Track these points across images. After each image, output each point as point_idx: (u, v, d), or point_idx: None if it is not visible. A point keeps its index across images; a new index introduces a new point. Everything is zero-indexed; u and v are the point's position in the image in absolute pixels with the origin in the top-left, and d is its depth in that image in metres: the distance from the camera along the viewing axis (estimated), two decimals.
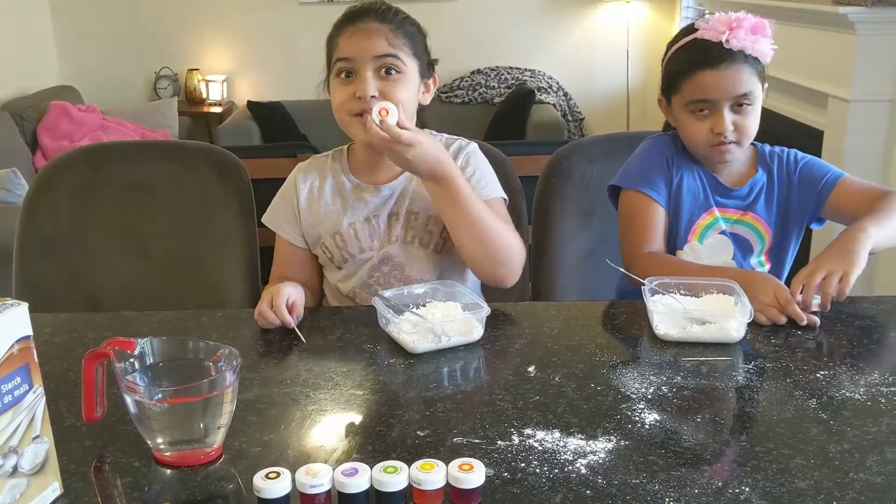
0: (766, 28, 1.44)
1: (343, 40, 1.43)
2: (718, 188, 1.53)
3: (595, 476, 0.89)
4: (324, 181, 1.53)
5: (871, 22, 2.80)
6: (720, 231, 1.52)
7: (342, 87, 1.43)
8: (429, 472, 0.84)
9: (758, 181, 1.53)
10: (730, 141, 1.45)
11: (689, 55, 1.46)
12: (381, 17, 1.44)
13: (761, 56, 1.43)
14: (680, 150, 1.55)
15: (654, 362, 1.17)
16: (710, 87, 1.42)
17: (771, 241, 1.54)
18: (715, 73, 1.42)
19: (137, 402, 0.90)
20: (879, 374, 1.12)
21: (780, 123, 3.45)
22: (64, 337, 1.30)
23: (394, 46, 1.42)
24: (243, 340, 1.28)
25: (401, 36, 1.44)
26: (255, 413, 1.03)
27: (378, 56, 1.41)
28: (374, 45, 1.41)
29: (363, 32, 1.42)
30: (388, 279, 1.48)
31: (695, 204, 1.52)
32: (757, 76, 1.44)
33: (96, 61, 5.25)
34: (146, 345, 0.96)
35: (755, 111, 1.46)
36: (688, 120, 1.48)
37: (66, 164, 1.85)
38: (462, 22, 5.28)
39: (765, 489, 0.86)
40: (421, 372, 1.15)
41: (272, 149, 3.65)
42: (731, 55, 1.41)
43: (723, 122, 1.43)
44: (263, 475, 0.84)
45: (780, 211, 1.54)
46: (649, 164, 1.54)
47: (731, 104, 1.43)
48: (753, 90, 1.43)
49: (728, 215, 1.53)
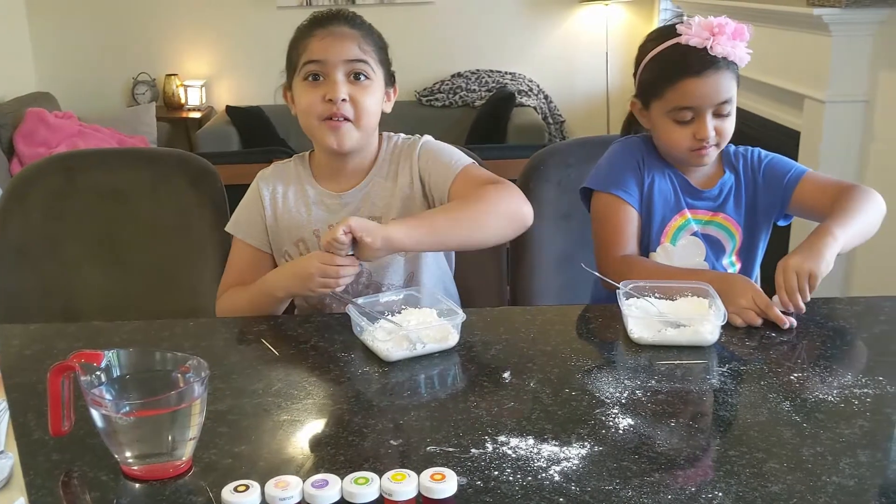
0: (746, 33, 1.44)
1: (314, 43, 1.42)
2: (689, 190, 1.53)
3: (568, 483, 0.88)
4: (287, 188, 1.52)
5: (845, 23, 2.82)
6: (692, 232, 1.52)
7: (310, 90, 1.42)
8: (400, 482, 0.83)
9: (726, 182, 1.54)
10: (710, 145, 1.45)
11: (672, 61, 1.44)
12: (351, 22, 1.45)
13: (739, 61, 1.44)
14: (650, 151, 1.55)
15: (628, 366, 1.17)
16: (695, 94, 1.42)
17: (741, 241, 1.55)
18: (700, 81, 1.41)
19: (104, 416, 0.89)
20: (853, 376, 1.12)
21: (757, 125, 3.46)
22: (33, 348, 1.28)
23: (364, 52, 1.43)
24: (216, 350, 1.26)
25: (370, 43, 1.45)
26: (225, 424, 1.02)
27: (350, 60, 1.41)
28: (346, 49, 1.41)
29: (335, 36, 1.42)
30: (355, 285, 1.47)
31: (666, 206, 1.52)
32: (736, 81, 1.45)
33: (73, 67, 5.21)
34: (113, 357, 0.95)
35: (734, 114, 1.47)
36: (669, 126, 1.47)
37: (38, 172, 1.83)
38: (442, 25, 5.28)
39: (738, 494, 0.86)
40: (396, 380, 1.15)
41: (250, 154, 3.64)
42: (715, 62, 1.41)
43: (706, 128, 1.43)
44: (232, 488, 0.83)
45: (749, 210, 1.54)
46: (620, 166, 1.54)
47: (714, 110, 1.44)
48: (733, 95, 1.44)
49: (699, 216, 1.53)
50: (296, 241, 1.49)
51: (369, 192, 1.49)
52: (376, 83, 1.44)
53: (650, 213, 1.52)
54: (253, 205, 1.53)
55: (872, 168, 2.91)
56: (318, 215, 1.49)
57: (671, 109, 1.45)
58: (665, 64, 1.46)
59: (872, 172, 2.91)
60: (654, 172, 1.53)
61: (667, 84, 1.44)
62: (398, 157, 1.51)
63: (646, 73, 1.50)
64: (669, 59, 1.45)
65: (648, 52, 1.50)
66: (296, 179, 1.53)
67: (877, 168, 2.90)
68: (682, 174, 1.54)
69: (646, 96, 1.50)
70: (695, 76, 1.41)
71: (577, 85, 5.39)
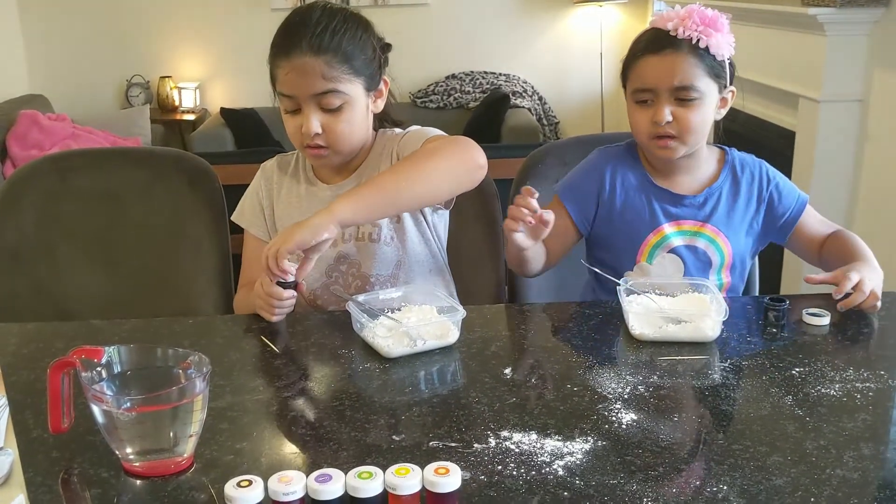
0: (720, 22, 1.39)
1: (281, 75, 1.38)
2: (669, 198, 1.48)
3: (572, 477, 0.88)
4: (284, 180, 1.54)
5: (839, 23, 2.82)
6: (669, 249, 1.47)
7: (290, 117, 1.42)
8: (404, 476, 0.83)
9: (717, 189, 1.48)
10: (668, 134, 1.40)
11: (638, 43, 1.44)
12: (315, 47, 1.35)
13: (714, 49, 1.37)
14: (627, 159, 1.52)
15: (630, 362, 1.17)
16: (651, 73, 1.39)
17: (731, 257, 1.49)
18: (656, 58, 1.39)
19: (105, 412, 0.88)
20: (854, 371, 1.12)
21: (751, 125, 3.47)
22: (31, 347, 1.27)
23: (332, 80, 1.36)
24: (215, 348, 1.26)
25: (338, 63, 1.36)
26: (226, 421, 1.02)
27: (317, 94, 1.37)
28: (310, 85, 1.36)
29: (298, 72, 1.36)
30: (346, 277, 1.47)
31: (640, 223, 1.48)
32: (707, 73, 1.38)
33: (66, 69, 5.19)
34: (114, 353, 0.94)
35: (701, 108, 1.39)
36: (633, 110, 1.45)
37: (31, 173, 1.82)
38: (436, 27, 5.28)
39: (742, 487, 0.86)
40: (396, 376, 1.14)
41: (245, 154, 3.62)
42: (677, 43, 1.37)
43: (661, 111, 1.38)
44: (235, 483, 0.82)
45: (742, 226, 1.49)
46: (580, 176, 1.53)
47: (673, 95, 1.39)
48: (697, 85, 1.38)
49: (685, 227, 1.48)
50: None
51: (356, 183, 1.48)
52: (353, 102, 1.39)
53: (621, 232, 1.49)
54: (255, 195, 1.56)
55: (867, 167, 2.92)
56: (310, 206, 1.48)
57: (633, 91, 1.43)
58: (632, 46, 1.45)
59: (867, 172, 2.92)
60: (627, 186, 1.49)
61: (630, 65, 1.44)
62: (389, 151, 1.51)
63: (623, 62, 1.49)
64: (636, 42, 1.45)
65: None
66: (294, 171, 1.54)
67: (871, 167, 2.91)
68: (661, 185, 1.49)
69: (624, 86, 1.48)
70: (653, 54, 1.39)
71: (572, 86, 5.40)
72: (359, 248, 1.49)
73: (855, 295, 1.30)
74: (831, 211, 3.01)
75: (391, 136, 1.53)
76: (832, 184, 3.00)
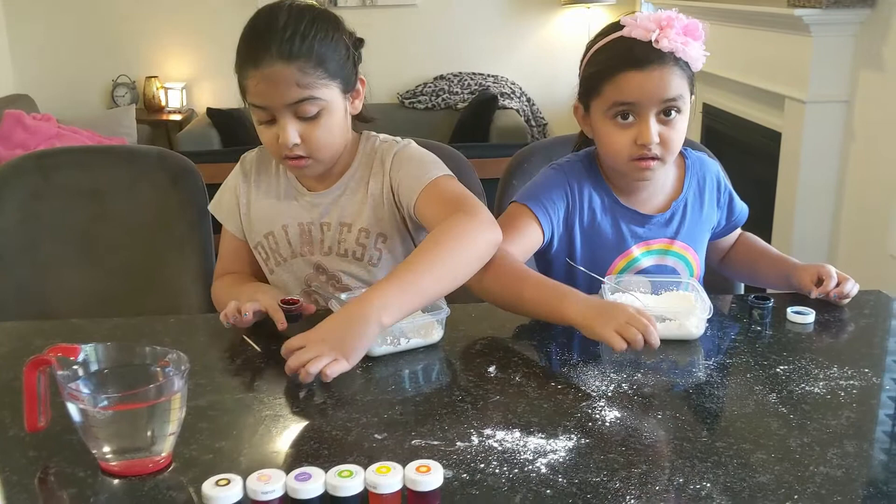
0: (699, 31, 1.29)
1: (251, 86, 1.30)
2: (636, 218, 1.41)
3: (555, 475, 0.87)
4: (263, 176, 1.48)
5: (825, 24, 2.84)
6: (638, 271, 1.41)
7: (264, 128, 1.34)
8: (385, 475, 0.82)
9: (681, 202, 1.43)
10: (653, 155, 1.30)
11: (612, 54, 1.30)
12: (285, 54, 1.27)
13: (692, 62, 1.29)
14: (589, 175, 1.42)
15: (614, 360, 1.16)
16: (636, 89, 1.27)
17: (699, 269, 1.46)
18: (641, 74, 1.26)
19: (81, 410, 0.87)
20: (838, 368, 1.12)
21: (737, 126, 3.48)
22: (9, 346, 1.26)
23: (306, 87, 1.28)
24: (197, 346, 1.24)
25: (311, 68, 1.28)
26: (206, 420, 1.00)
27: (291, 104, 1.29)
28: (283, 95, 1.28)
29: (269, 82, 1.28)
30: (326, 288, 1.45)
31: (608, 247, 1.41)
32: (687, 82, 1.30)
33: (51, 69, 5.16)
34: (91, 351, 0.93)
35: (682, 122, 1.31)
36: (609, 128, 1.32)
37: (13, 171, 1.80)
38: (425, 28, 5.28)
39: (726, 484, 0.85)
40: (379, 375, 1.13)
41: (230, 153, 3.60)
42: (661, 56, 1.26)
43: (648, 131, 1.28)
44: (213, 482, 0.81)
45: (705, 234, 1.48)
46: (548, 189, 1.40)
47: (658, 111, 1.29)
48: (683, 95, 1.29)
49: (653, 247, 1.42)
50: (266, 233, 1.47)
51: (340, 196, 1.44)
52: (330, 107, 1.32)
53: (586, 256, 1.41)
54: (232, 190, 1.50)
55: (852, 168, 2.93)
56: (288, 209, 1.45)
57: (611, 106, 1.30)
58: (605, 57, 1.32)
59: (852, 172, 2.94)
60: (593, 206, 1.41)
61: (606, 78, 1.30)
62: (372, 161, 1.44)
63: (586, 69, 1.35)
64: (610, 52, 1.31)
65: (591, 49, 1.36)
66: (272, 170, 1.48)
67: (857, 168, 2.92)
68: (626, 203, 1.41)
69: (586, 96, 1.36)
70: (636, 69, 1.27)
71: (560, 88, 5.39)
72: (339, 262, 1.45)
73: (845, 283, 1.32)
74: (816, 212, 3.03)
75: (377, 144, 1.46)
76: (818, 184, 3.01)
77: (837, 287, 1.32)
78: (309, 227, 1.45)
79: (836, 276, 1.33)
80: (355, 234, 1.43)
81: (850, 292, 1.33)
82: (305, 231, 1.45)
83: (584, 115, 1.40)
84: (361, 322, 1.09)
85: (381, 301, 1.11)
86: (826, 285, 1.32)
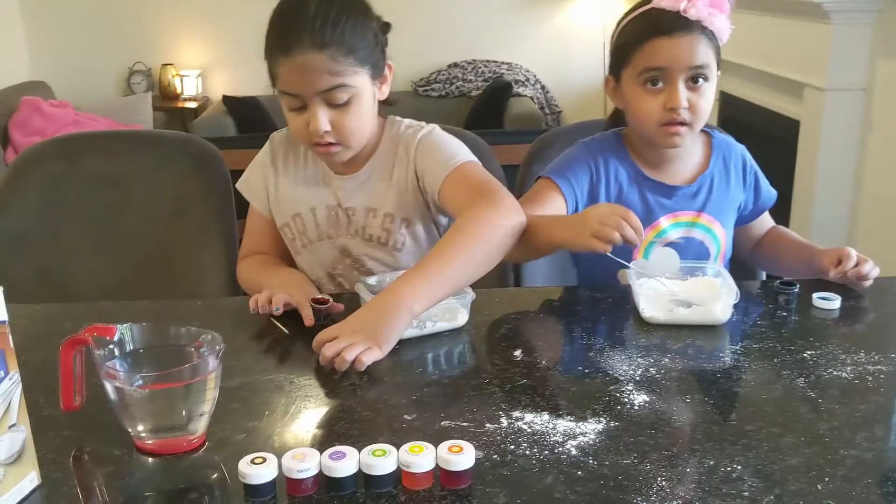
0: (725, 3, 1.35)
1: (283, 74, 1.31)
2: (662, 190, 1.44)
3: (586, 457, 0.88)
4: (293, 157, 1.48)
5: (844, 11, 2.82)
6: (665, 243, 1.43)
7: (294, 115, 1.35)
8: (418, 454, 0.83)
9: (707, 176, 1.46)
10: (681, 121, 1.35)
11: (641, 24, 1.37)
12: (317, 42, 1.27)
13: (718, 32, 1.35)
14: (615, 151, 1.46)
15: (641, 345, 1.16)
16: (664, 55, 1.33)
17: (725, 244, 1.48)
18: (670, 41, 1.33)
19: (117, 389, 0.88)
20: (865, 353, 1.12)
21: (756, 114, 3.46)
22: (40, 328, 1.27)
23: (338, 74, 1.29)
24: (224, 329, 1.23)
25: (342, 55, 1.29)
26: (238, 400, 1.01)
27: (323, 91, 1.30)
28: (315, 82, 1.29)
29: (301, 70, 1.28)
30: (350, 272, 1.46)
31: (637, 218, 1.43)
32: (713, 52, 1.36)
33: (68, 56, 5.17)
34: (126, 331, 0.94)
35: (710, 90, 1.37)
36: (639, 95, 1.37)
37: (37, 156, 1.81)
38: (439, 15, 5.26)
39: (756, 467, 0.86)
40: (406, 357, 1.14)
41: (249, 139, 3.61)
42: (688, 24, 1.32)
43: (677, 95, 1.33)
44: (249, 460, 0.82)
45: (732, 212, 1.49)
46: (573, 163, 1.46)
47: (686, 78, 1.34)
48: (710, 64, 1.35)
49: (681, 219, 1.45)
50: (294, 214, 1.47)
51: (366, 182, 1.44)
52: (360, 94, 1.33)
53: None
54: (260, 168, 1.50)
55: (871, 156, 2.92)
56: (317, 192, 1.46)
57: (640, 73, 1.36)
58: (635, 27, 1.38)
59: (871, 161, 2.92)
60: (619, 180, 1.45)
61: (635, 46, 1.36)
62: (397, 147, 1.45)
63: (617, 41, 1.42)
64: (639, 23, 1.38)
65: (622, 23, 1.43)
66: (302, 151, 1.48)
67: (875, 156, 2.90)
68: (653, 177, 1.45)
69: (616, 67, 1.42)
70: (665, 36, 1.33)
71: (574, 75, 5.38)
72: (364, 246, 1.46)
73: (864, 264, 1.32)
74: (835, 200, 3.02)
75: (402, 129, 1.46)
76: (836, 173, 3.00)
77: (856, 268, 1.32)
78: (336, 211, 1.45)
79: (856, 258, 1.33)
80: (380, 219, 1.44)
81: (868, 273, 1.32)
82: (332, 214, 1.46)
83: (614, 87, 1.45)
84: (393, 311, 1.13)
85: (411, 291, 1.14)
86: (844, 265, 1.32)
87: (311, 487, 0.82)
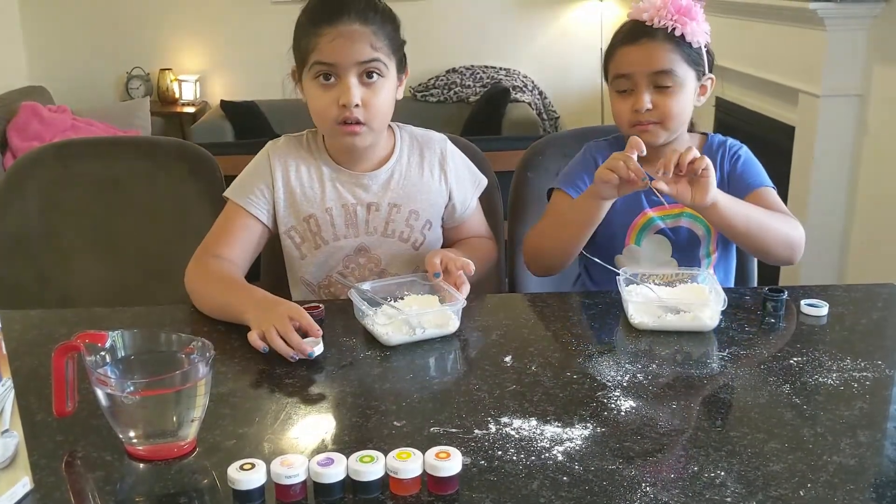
0: (694, 10, 1.42)
1: (323, 43, 1.35)
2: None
3: (572, 462, 0.89)
4: (300, 163, 1.48)
5: (839, 17, 2.83)
6: (657, 230, 1.51)
7: (322, 92, 1.38)
8: (405, 460, 0.84)
9: None
10: (648, 121, 1.43)
11: (616, 35, 1.48)
12: (362, 17, 1.36)
13: (690, 37, 1.41)
14: (614, 148, 1.49)
15: (629, 351, 1.17)
16: (627, 61, 1.43)
17: (717, 232, 1.51)
18: (633, 48, 1.43)
19: (109, 395, 0.89)
20: (852, 360, 1.13)
21: (751, 120, 3.48)
22: (34, 333, 1.28)
23: (377, 50, 1.36)
24: (217, 335, 1.26)
25: (382, 37, 1.38)
26: (228, 406, 1.02)
27: (362, 62, 1.36)
28: (357, 52, 1.35)
29: (346, 38, 1.35)
30: (363, 271, 1.47)
31: (626, 207, 1.49)
32: (684, 59, 1.42)
33: (67, 61, 5.19)
34: (117, 337, 0.95)
35: (679, 94, 1.43)
36: (614, 100, 1.48)
37: (35, 160, 1.82)
38: (437, 21, 5.28)
39: (740, 473, 0.87)
40: (397, 364, 1.15)
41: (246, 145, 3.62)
42: (652, 32, 1.41)
43: (640, 98, 1.42)
44: (238, 466, 0.83)
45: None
46: (576, 167, 1.56)
47: (651, 82, 1.42)
48: (675, 70, 1.41)
49: (667, 211, 1.50)
50: (306, 216, 1.47)
51: (391, 177, 1.49)
52: (389, 77, 1.40)
53: (611, 216, 1.45)
54: (260, 175, 1.48)
55: (866, 162, 2.93)
56: (332, 193, 1.47)
57: (612, 80, 1.47)
58: (613, 39, 1.48)
59: (866, 167, 2.93)
60: None
61: (610, 56, 1.48)
62: (420, 148, 1.52)
63: (604, 55, 1.53)
64: (616, 35, 1.48)
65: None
66: (308, 154, 1.49)
67: (870, 162, 2.91)
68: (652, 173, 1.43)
69: (606, 79, 1.52)
70: (630, 44, 1.43)
71: (572, 81, 5.40)
72: (383, 243, 1.48)
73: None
74: (830, 206, 3.03)
75: (415, 132, 1.54)
76: (832, 178, 3.00)
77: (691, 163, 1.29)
78: (354, 209, 1.47)
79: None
80: (405, 215, 1.47)
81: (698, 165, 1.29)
82: (350, 212, 1.47)
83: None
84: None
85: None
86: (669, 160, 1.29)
87: (299, 493, 0.83)
